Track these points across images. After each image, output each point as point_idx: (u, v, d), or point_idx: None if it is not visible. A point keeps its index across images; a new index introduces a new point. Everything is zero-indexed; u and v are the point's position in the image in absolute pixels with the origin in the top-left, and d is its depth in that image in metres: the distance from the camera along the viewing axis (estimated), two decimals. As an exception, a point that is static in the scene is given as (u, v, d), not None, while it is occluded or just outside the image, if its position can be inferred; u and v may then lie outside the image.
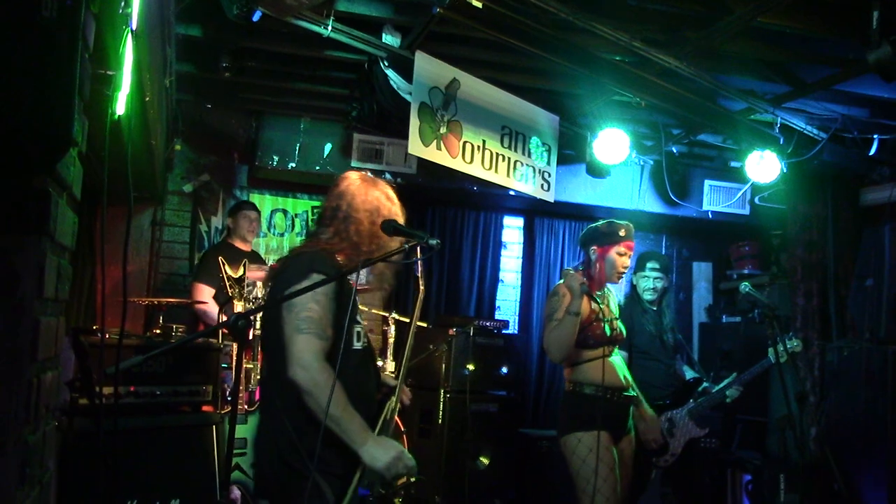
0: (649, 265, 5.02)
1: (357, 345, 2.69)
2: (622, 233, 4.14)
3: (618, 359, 4.19)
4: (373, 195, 2.84)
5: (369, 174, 2.99)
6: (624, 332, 4.27)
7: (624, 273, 4.18)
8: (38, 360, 1.56)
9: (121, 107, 1.89)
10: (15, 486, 1.47)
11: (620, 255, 4.13)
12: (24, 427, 1.49)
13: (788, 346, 4.77)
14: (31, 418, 1.53)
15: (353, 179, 2.91)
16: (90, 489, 3.08)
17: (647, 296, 5.00)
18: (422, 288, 3.07)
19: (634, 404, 4.35)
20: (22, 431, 1.48)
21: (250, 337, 4.68)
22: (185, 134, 6.01)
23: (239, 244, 5.69)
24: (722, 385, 4.91)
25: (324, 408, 2.39)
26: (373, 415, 2.66)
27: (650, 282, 4.99)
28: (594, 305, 4.10)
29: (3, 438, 1.43)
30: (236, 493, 4.62)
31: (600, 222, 4.29)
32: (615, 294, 4.41)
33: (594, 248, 4.17)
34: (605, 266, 4.13)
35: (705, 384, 5.01)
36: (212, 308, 5.38)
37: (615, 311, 4.28)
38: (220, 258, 4.78)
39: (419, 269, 3.00)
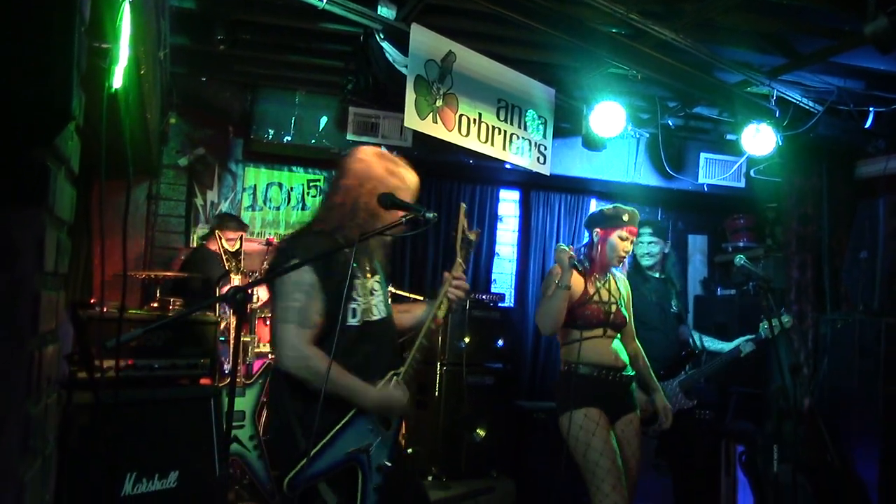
0: (642, 230, 4.99)
1: (353, 321, 2.73)
2: (625, 217, 4.12)
3: (617, 342, 4.17)
4: (369, 167, 2.84)
5: (384, 149, 3.00)
6: (628, 317, 4.25)
7: (625, 257, 4.16)
8: (38, 334, 1.57)
9: (118, 80, 1.88)
10: (17, 458, 1.48)
11: (622, 239, 4.11)
12: (26, 399, 1.51)
13: (775, 322, 4.86)
14: (32, 391, 1.54)
15: (356, 153, 2.92)
16: (90, 462, 3.10)
17: (645, 261, 5.01)
18: (459, 261, 3.12)
19: (638, 383, 4.36)
20: (24, 404, 1.50)
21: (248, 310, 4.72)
22: (180, 107, 5.99)
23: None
24: (735, 344, 4.99)
25: (320, 386, 2.51)
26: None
27: (644, 246, 5.00)
28: (590, 286, 4.11)
29: (4, 411, 1.44)
30: (234, 465, 4.67)
31: (606, 206, 4.29)
32: (623, 279, 4.36)
33: (597, 230, 4.17)
34: (605, 249, 4.13)
35: (711, 348, 5.09)
36: None
37: (623, 295, 4.26)
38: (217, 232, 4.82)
39: (459, 243, 3.15)
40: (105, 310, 3.39)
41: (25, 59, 1.25)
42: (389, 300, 3.03)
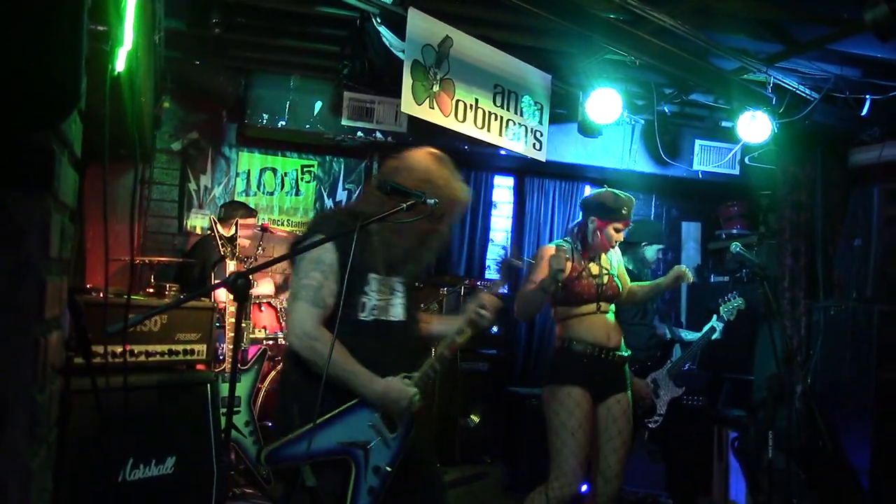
0: (658, 246, 5.12)
1: (364, 315, 2.70)
2: (624, 211, 4.12)
3: (611, 316, 4.19)
4: (425, 164, 2.86)
5: (435, 151, 2.99)
6: (620, 286, 4.25)
7: (614, 247, 4.22)
8: (44, 320, 1.55)
9: (121, 63, 1.85)
10: (24, 446, 1.47)
11: (617, 231, 4.14)
12: (32, 386, 1.49)
13: (733, 304, 5.03)
14: (38, 378, 1.53)
15: (413, 152, 2.95)
16: (87, 448, 3.09)
17: (654, 265, 5.17)
18: (498, 282, 3.30)
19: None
20: (30, 390, 1.48)
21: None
22: (173, 91, 5.94)
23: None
24: (702, 333, 5.05)
25: (324, 370, 2.48)
26: None
27: (659, 254, 5.13)
28: (577, 264, 4.12)
29: (13, 398, 1.42)
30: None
31: (607, 192, 4.24)
32: (616, 250, 4.36)
33: (594, 218, 4.16)
34: (603, 238, 4.13)
35: (684, 336, 5.17)
36: None
37: (614, 266, 4.27)
38: (211, 217, 4.79)
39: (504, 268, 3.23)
40: (101, 295, 3.38)
41: (33, 39, 1.22)
42: (415, 306, 3.01)
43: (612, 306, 4.20)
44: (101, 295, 3.33)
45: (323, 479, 2.55)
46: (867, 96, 5.49)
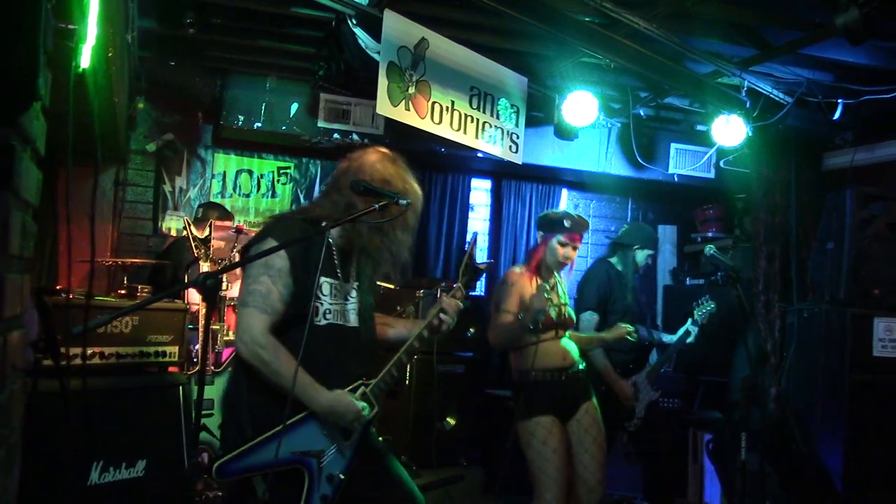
0: (648, 251, 5.14)
1: (318, 320, 2.63)
2: (567, 223, 4.12)
3: (566, 340, 4.19)
4: (383, 166, 2.78)
5: (389, 152, 2.91)
6: (574, 317, 4.28)
7: (566, 264, 4.18)
8: (3, 318, 1.52)
9: (85, 60, 1.83)
10: (-18, 445, 1.44)
11: (562, 245, 4.12)
12: (-9, 386, 1.46)
13: (706, 308, 5.06)
14: (-3, 377, 1.50)
15: (366, 151, 2.86)
16: (55, 451, 3.05)
17: (641, 270, 5.22)
18: (458, 286, 3.15)
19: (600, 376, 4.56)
20: (-12, 390, 1.45)
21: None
22: (148, 92, 5.89)
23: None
24: (677, 336, 5.07)
25: (271, 379, 2.48)
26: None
27: (648, 259, 5.15)
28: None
29: (-31, 397, 1.40)
30: (203, 455, 4.62)
31: (555, 210, 4.32)
32: (564, 280, 4.38)
33: (540, 233, 4.20)
34: (546, 253, 4.15)
35: (664, 339, 5.19)
36: None
37: (563, 297, 4.27)
38: (185, 219, 4.75)
39: (462, 268, 3.18)
40: (70, 296, 3.33)
41: (-10, 33, 1.20)
42: (371, 311, 2.92)
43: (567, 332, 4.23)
44: (64, 296, 3.28)
45: (275, 489, 2.48)
46: (839, 101, 5.54)
